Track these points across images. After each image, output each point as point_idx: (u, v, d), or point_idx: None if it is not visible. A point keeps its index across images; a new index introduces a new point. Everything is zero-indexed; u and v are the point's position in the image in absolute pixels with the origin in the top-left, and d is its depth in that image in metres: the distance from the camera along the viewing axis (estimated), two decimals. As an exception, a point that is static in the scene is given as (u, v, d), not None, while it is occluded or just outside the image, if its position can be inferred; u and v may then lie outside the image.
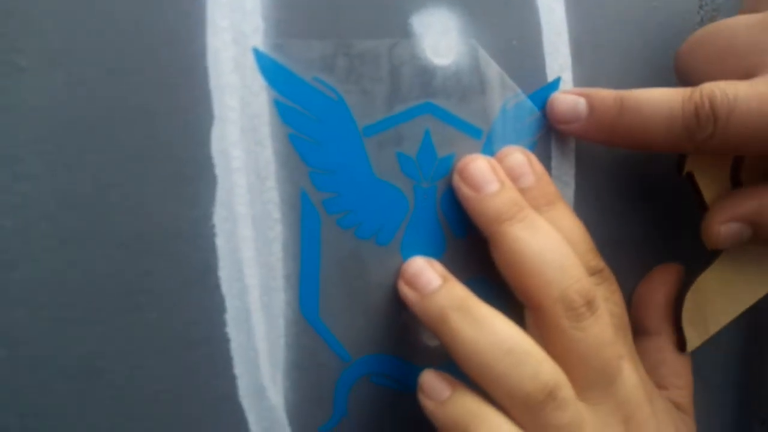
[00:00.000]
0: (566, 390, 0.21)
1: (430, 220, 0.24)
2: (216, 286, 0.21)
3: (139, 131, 0.19)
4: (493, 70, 0.25)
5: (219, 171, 0.20)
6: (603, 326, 0.22)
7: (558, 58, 0.27)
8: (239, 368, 0.21)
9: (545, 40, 0.27)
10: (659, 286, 0.29)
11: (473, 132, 0.25)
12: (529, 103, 0.26)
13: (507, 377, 0.20)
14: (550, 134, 0.27)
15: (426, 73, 0.24)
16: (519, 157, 0.25)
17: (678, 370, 0.28)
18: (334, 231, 0.22)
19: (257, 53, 0.20)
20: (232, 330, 0.21)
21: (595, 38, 0.28)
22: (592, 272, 0.24)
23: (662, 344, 0.29)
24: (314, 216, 0.22)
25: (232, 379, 0.21)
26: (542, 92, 0.27)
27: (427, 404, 0.21)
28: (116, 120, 0.19)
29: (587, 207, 0.29)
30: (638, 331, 0.29)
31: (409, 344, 0.25)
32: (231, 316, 0.21)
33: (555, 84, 0.27)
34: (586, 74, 0.28)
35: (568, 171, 0.28)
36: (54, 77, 0.18)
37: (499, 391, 0.21)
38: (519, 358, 0.21)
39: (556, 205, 0.25)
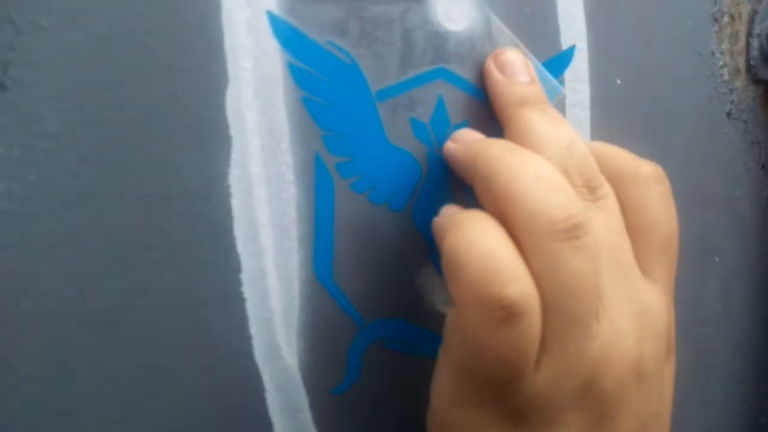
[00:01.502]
0: (592, 239, 0.19)
1: (443, 186, 0.24)
2: (232, 246, 0.21)
3: (155, 90, 0.19)
4: (506, 37, 0.25)
5: (234, 132, 0.21)
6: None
7: (573, 26, 0.27)
8: (254, 327, 0.22)
9: (560, 8, 0.27)
10: None
11: (487, 98, 0.25)
12: (544, 71, 0.26)
13: (535, 197, 0.19)
14: (564, 102, 0.27)
15: (439, 38, 0.24)
16: (517, 56, 0.25)
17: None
18: (347, 195, 0.23)
19: (271, 16, 0.21)
20: (248, 290, 0.21)
21: (610, 6, 0.28)
22: (655, 171, 0.23)
23: None
24: (328, 179, 0.22)
25: (247, 338, 0.22)
26: (557, 60, 0.27)
27: (436, 220, 0.21)
28: (133, 79, 0.19)
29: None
30: None
31: (423, 310, 0.25)
32: (246, 276, 0.21)
33: (570, 52, 0.27)
34: (601, 43, 0.28)
35: (583, 137, 0.28)
36: (74, 36, 0.18)
37: (521, 209, 0.19)
38: (554, 186, 0.19)
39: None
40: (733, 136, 0.33)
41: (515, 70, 0.24)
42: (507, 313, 0.18)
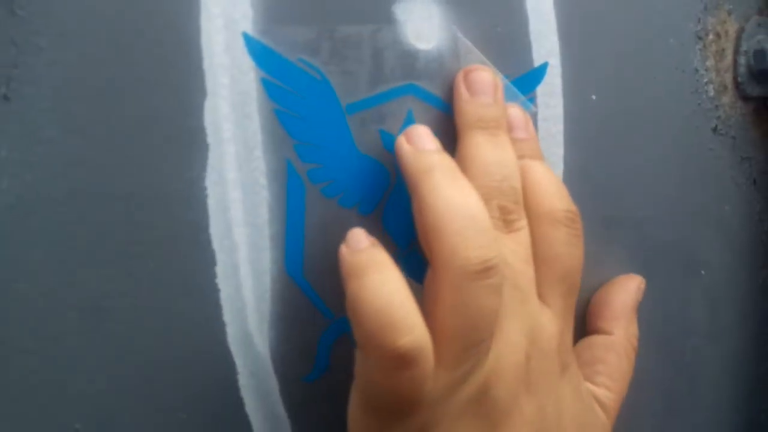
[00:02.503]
0: (500, 278, 0.22)
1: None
2: (207, 242, 0.23)
3: (140, 103, 0.22)
4: (474, 56, 0.26)
5: (211, 140, 0.23)
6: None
7: (545, 44, 0.28)
8: (228, 316, 0.24)
9: (531, 27, 0.28)
10: (618, 291, 0.30)
11: (456, 113, 0.27)
12: (513, 88, 0.28)
13: (458, 236, 0.21)
14: (537, 117, 0.29)
15: (408, 56, 0.26)
16: (518, 113, 0.27)
17: (614, 373, 0.28)
18: (318, 198, 0.25)
19: (246, 37, 0.23)
20: (222, 282, 0.24)
21: (585, 25, 0.29)
22: (566, 215, 0.25)
23: (609, 344, 0.29)
24: (299, 184, 0.25)
25: (221, 325, 0.24)
26: (529, 76, 0.28)
27: (342, 251, 0.22)
28: (120, 92, 0.22)
29: (578, 186, 0.30)
30: (591, 329, 0.30)
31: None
32: (220, 270, 0.24)
33: (542, 68, 0.28)
34: (575, 59, 0.29)
35: (556, 152, 0.29)
36: (68, 56, 0.21)
37: (444, 247, 0.21)
38: (479, 226, 0.22)
39: (538, 160, 0.26)
40: (721, 152, 0.34)
41: (481, 89, 0.25)
42: (400, 361, 0.21)
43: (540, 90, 0.28)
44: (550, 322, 0.25)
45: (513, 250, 0.24)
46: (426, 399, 0.22)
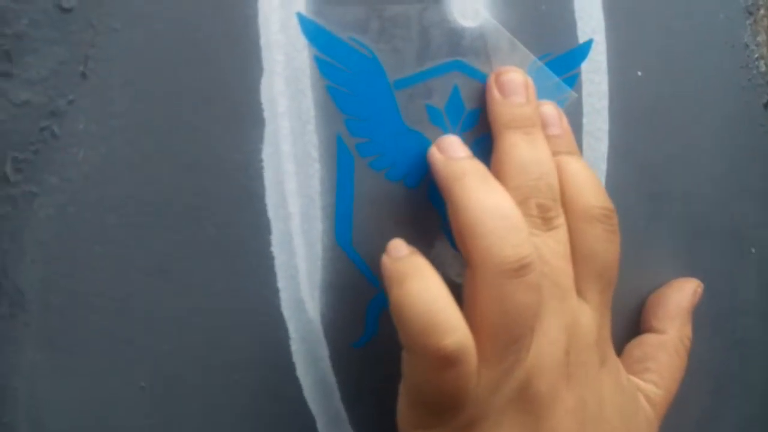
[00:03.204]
0: (537, 275, 0.23)
1: (457, 166, 0.27)
2: (263, 211, 0.25)
3: (203, 79, 0.24)
4: (502, 37, 0.27)
5: (267, 114, 0.24)
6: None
7: (590, 21, 0.29)
8: (282, 282, 0.25)
9: (576, 4, 0.28)
10: (674, 292, 0.31)
11: (502, 89, 0.27)
12: (559, 63, 0.28)
13: (493, 235, 0.22)
14: (581, 92, 0.29)
15: (454, 34, 0.27)
16: (551, 109, 0.27)
17: (663, 371, 0.29)
18: (366, 172, 0.26)
19: (300, 16, 0.24)
20: (276, 249, 0.25)
21: (630, 1, 0.29)
22: (603, 211, 0.26)
23: (661, 343, 0.30)
24: (348, 157, 0.26)
25: (275, 291, 0.25)
26: (573, 53, 0.29)
27: (384, 260, 0.24)
28: (185, 69, 0.23)
29: (622, 162, 0.30)
30: (645, 328, 0.31)
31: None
32: (275, 238, 0.25)
33: (587, 45, 0.29)
34: (620, 36, 0.29)
35: (601, 126, 0.30)
36: (139, 36, 0.23)
37: (479, 247, 0.23)
38: (513, 225, 0.23)
39: (573, 155, 0.27)
40: (772, 128, 0.33)
41: (513, 90, 0.26)
42: (445, 361, 0.22)
43: (585, 67, 0.29)
44: (588, 316, 0.26)
45: (552, 247, 0.25)
46: (471, 396, 0.23)
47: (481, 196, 0.23)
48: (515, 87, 0.26)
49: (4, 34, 0.21)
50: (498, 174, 0.25)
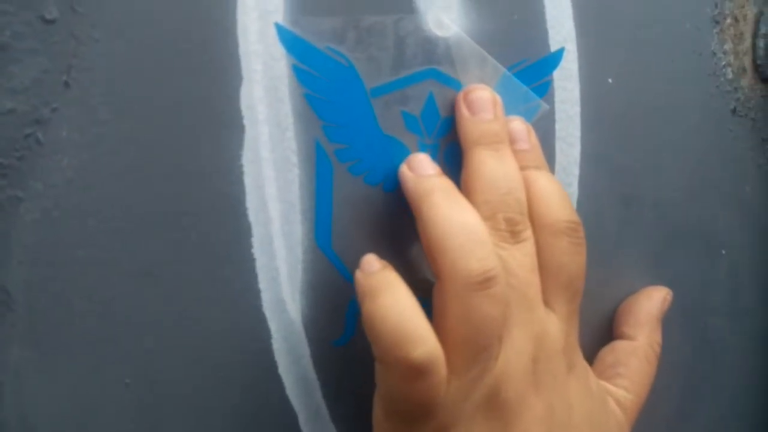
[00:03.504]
0: (502, 287, 0.24)
1: (432, 171, 0.28)
2: (244, 215, 0.26)
3: (183, 87, 0.24)
4: (471, 49, 0.28)
5: (246, 122, 0.25)
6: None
7: (561, 30, 0.30)
8: (263, 284, 0.26)
9: (548, 14, 0.29)
10: (644, 300, 0.32)
11: (475, 96, 0.28)
12: (531, 70, 0.29)
13: (459, 250, 0.23)
14: (553, 99, 0.30)
15: (429, 43, 0.27)
16: (519, 125, 0.28)
17: (634, 376, 0.30)
18: (345, 176, 0.27)
19: (278, 27, 0.25)
20: (257, 252, 0.26)
21: (600, 11, 0.30)
22: (569, 224, 0.27)
23: (632, 349, 0.31)
24: (327, 163, 0.27)
25: (257, 292, 0.26)
26: (545, 61, 0.30)
27: (357, 275, 0.25)
28: (166, 78, 0.24)
29: (594, 167, 0.31)
30: (616, 335, 0.32)
31: (413, 279, 0.28)
32: (256, 241, 0.26)
33: (559, 53, 0.30)
34: (591, 45, 0.30)
35: (573, 133, 0.31)
36: (119, 46, 0.23)
37: (446, 262, 0.24)
38: (478, 240, 0.24)
39: (541, 170, 0.28)
40: (740, 133, 0.34)
41: (481, 107, 0.27)
42: (415, 371, 0.23)
43: (557, 74, 0.30)
44: (556, 326, 0.26)
45: (519, 260, 0.26)
46: (441, 404, 0.24)
47: (447, 212, 0.24)
48: (483, 104, 0.27)
49: (-11, 45, 0.22)
50: (467, 189, 0.26)
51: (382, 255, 0.28)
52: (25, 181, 0.23)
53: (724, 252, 0.35)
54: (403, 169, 0.26)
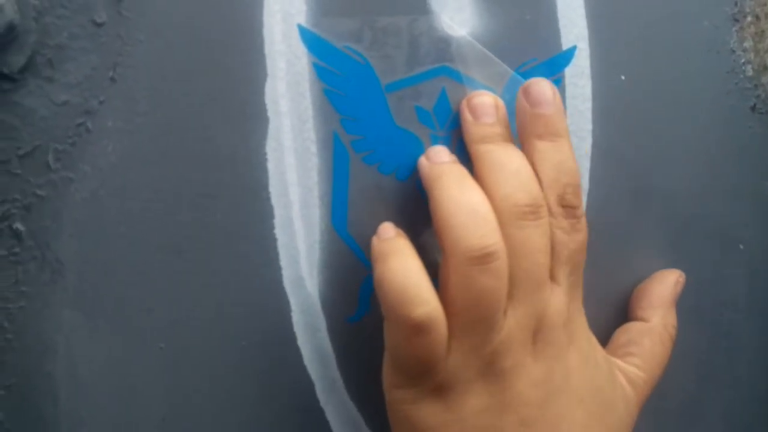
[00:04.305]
0: (502, 263, 0.25)
1: (443, 161, 0.30)
2: (267, 198, 0.28)
3: (214, 82, 0.27)
4: (476, 51, 0.29)
5: (270, 114, 0.28)
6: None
7: (573, 29, 0.31)
8: (284, 261, 0.29)
9: (560, 13, 0.31)
10: (655, 284, 0.33)
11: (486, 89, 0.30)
12: (543, 69, 0.31)
13: (461, 227, 0.25)
14: (565, 95, 0.31)
15: (442, 41, 0.29)
16: (546, 87, 0.29)
17: (646, 355, 0.31)
18: (360, 166, 0.29)
19: (300, 28, 0.28)
20: (279, 232, 0.29)
21: (613, 10, 0.31)
22: (565, 206, 0.28)
23: (646, 330, 0.32)
24: (344, 152, 0.29)
25: (278, 269, 0.29)
26: (557, 59, 0.31)
27: (373, 240, 0.27)
28: (199, 74, 0.27)
29: (605, 158, 0.32)
30: (630, 317, 0.33)
31: (424, 261, 0.30)
32: (278, 222, 0.29)
33: (571, 52, 0.31)
34: (603, 43, 0.31)
35: (584, 127, 0.32)
36: (160, 46, 0.26)
37: (449, 237, 0.26)
38: (479, 219, 0.25)
39: (557, 141, 0.28)
40: (759, 130, 0.35)
41: (483, 112, 0.29)
42: (416, 329, 0.25)
43: (568, 71, 0.31)
44: (559, 299, 0.28)
45: (536, 242, 0.27)
46: (441, 363, 0.26)
47: (453, 193, 0.26)
48: (485, 109, 0.28)
49: (48, 45, 0.25)
50: (481, 181, 0.27)
51: (395, 239, 0.30)
52: (76, 165, 0.26)
53: (741, 246, 0.35)
54: (422, 160, 0.29)
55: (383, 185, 0.29)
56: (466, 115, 0.29)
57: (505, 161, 0.28)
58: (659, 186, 0.33)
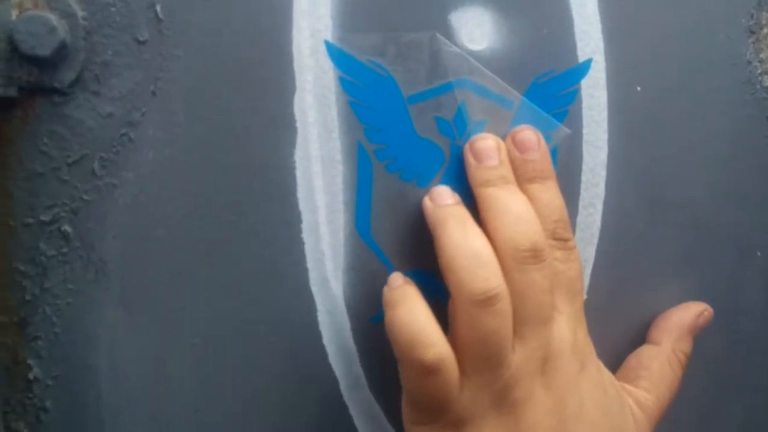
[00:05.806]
0: (505, 304, 0.27)
1: (462, 170, 0.31)
2: (295, 204, 0.30)
3: (246, 95, 0.29)
4: (486, 77, 0.30)
5: (299, 124, 0.30)
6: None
7: (589, 42, 0.32)
8: (311, 263, 0.31)
9: (576, 27, 0.32)
10: (679, 309, 0.34)
11: (505, 103, 0.31)
12: (559, 80, 0.32)
13: (463, 271, 0.27)
14: (581, 105, 0.32)
15: (462, 56, 0.31)
16: (531, 135, 0.30)
17: (655, 379, 0.32)
18: (383, 173, 0.31)
19: (327, 44, 0.29)
20: (306, 235, 0.30)
21: (629, 24, 0.33)
22: (557, 239, 0.29)
23: (655, 353, 0.32)
24: (367, 161, 0.31)
25: (305, 270, 0.31)
26: (574, 71, 0.32)
27: (384, 290, 0.29)
28: (233, 88, 0.29)
29: (621, 168, 0.33)
30: (646, 339, 0.34)
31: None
32: (305, 226, 0.30)
33: (587, 64, 0.32)
34: (619, 55, 0.32)
35: (600, 136, 0.33)
36: (197, 62, 0.28)
37: (454, 280, 0.27)
38: (481, 262, 0.27)
39: (546, 181, 0.30)
40: (776, 139, 0.35)
41: (486, 156, 0.30)
42: (427, 370, 0.26)
43: (584, 83, 0.32)
44: (563, 327, 0.29)
45: (539, 283, 0.28)
46: (455, 401, 0.27)
47: (456, 236, 0.28)
48: (488, 152, 0.29)
49: (95, 61, 0.27)
50: (485, 225, 0.28)
51: (416, 243, 0.31)
52: (120, 172, 0.28)
53: (758, 254, 0.36)
54: (426, 200, 0.30)
55: (405, 192, 0.31)
56: (470, 159, 0.30)
57: (508, 206, 0.29)
58: (675, 195, 0.34)
